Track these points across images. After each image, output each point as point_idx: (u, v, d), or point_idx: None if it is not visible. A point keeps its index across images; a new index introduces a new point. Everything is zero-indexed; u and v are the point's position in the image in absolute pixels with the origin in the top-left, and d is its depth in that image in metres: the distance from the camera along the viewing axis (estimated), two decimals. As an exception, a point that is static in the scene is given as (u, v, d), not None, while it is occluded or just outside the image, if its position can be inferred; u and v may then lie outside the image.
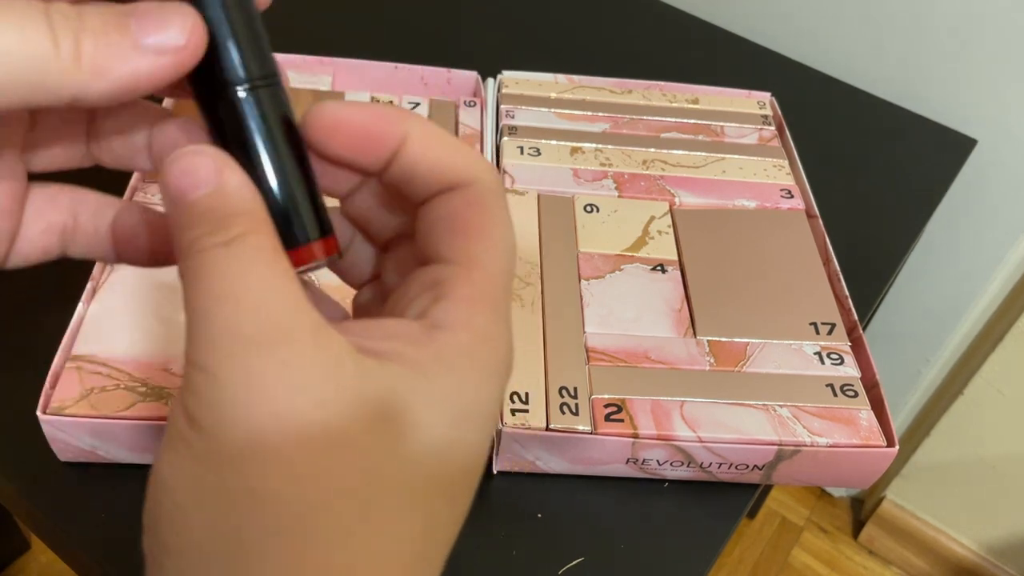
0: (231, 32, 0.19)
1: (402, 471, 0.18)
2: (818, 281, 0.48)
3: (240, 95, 0.19)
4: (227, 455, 0.17)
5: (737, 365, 0.43)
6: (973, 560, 1.03)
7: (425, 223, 0.21)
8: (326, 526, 0.17)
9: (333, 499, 0.17)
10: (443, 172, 0.20)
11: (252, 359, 0.17)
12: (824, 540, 1.13)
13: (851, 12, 0.72)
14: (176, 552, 0.17)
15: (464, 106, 0.57)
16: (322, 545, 0.17)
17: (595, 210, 0.51)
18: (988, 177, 0.73)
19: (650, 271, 0.48)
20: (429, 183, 0.21)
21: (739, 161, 0.55)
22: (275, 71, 0.20)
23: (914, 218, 0.60)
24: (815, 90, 0.70)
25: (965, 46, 0.68)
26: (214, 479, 0.17)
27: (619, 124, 0.57)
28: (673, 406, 0.41)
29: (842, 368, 0.44)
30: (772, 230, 0.51)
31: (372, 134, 0.20)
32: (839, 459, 0.41)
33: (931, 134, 0.68)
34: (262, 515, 0.17)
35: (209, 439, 0.17)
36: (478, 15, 0.74)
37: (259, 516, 0.17)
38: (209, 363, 0.17)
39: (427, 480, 0.18)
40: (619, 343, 0.44)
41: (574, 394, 0.41)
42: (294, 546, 0.17)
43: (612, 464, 0.41)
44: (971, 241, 0.78)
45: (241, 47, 0.19)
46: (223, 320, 0.17)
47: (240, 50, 0.19)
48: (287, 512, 0.17)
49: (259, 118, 0.19)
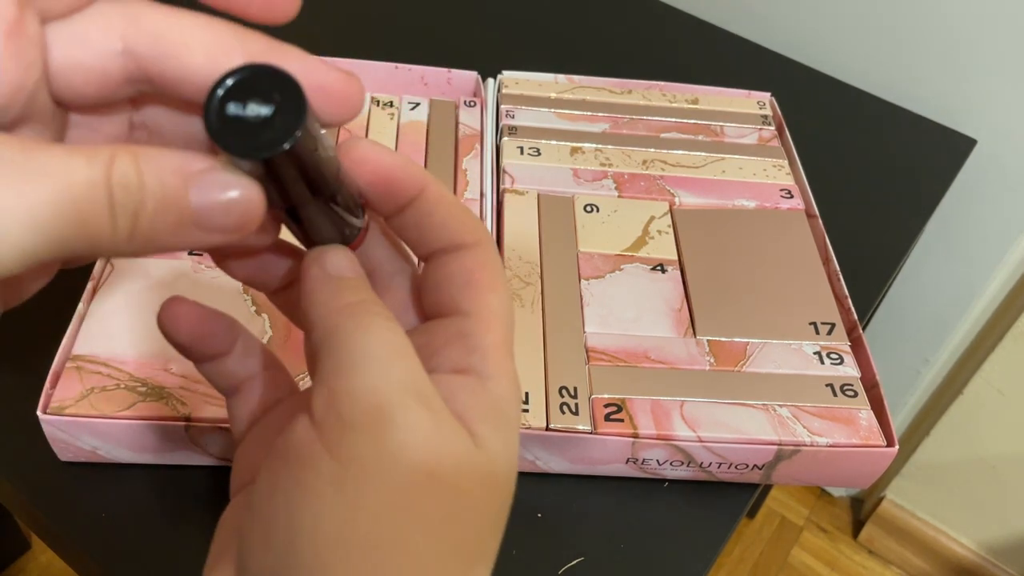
0: (308, 201, 0.20)
1: (499, 522, 0.22)
2: (818, 281, 0.48)
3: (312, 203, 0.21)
4: (384, 502, 0.19)
5: (737, 365, 0.43)
6: (973, 560, 1.03)
7: (437, 277, 0.23)
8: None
9: (449, 553, 0.19)
10: (455, 228, 0.22)
11: (411, 412, 0.19)
12: (824, 540, 1.13)
13: (851, 12, 0.72)
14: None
15: (464, 106, 0.57)
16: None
17: (595, 210, 0.51)
18: (988, 177, 0.73)
19: (650, 271, 0.48)
20: (438, 235, 0.23)
21: (739, 161, 0.55)
22: (340, 185, 0.21)
23: (914, 218, 0.60)
24: (815, 90, 0.70)
25: (965, 46, 0.68)
26: (366, 525, 0.18)
27: (619, 124, 0.57)
28: (673, 406, 0.41)
29: (842, 368, 0.44)
30: (772, 230, 0.51)
31: (398, 178, 0.22)
32: (839, 459, 0.41)
33: (931, 134, 0.68)
34: (399, 566, 0.19)
35: (369, 484, 0.18)
36: (478, 15, 0.74)
37: (398, 566, 0.19)
38: (385, 403, 0.19)
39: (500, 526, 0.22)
40: (619, 343, 0.44)
41: (574, 394, 0.41)
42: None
43: (612, 464, 0.41)
44: (971, 241, 0.78)
45: (314, 191, 0.20)
46: (391, 373, 0.19)
47: (312, 189, 0.20)
48: (413, 563, 0.19)
49: (325, 208, 0.21)
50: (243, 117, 0.18)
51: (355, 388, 0.19)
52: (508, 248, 0.48)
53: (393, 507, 0.18)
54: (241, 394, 0.25)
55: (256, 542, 0.19)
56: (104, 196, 0.16)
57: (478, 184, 0.51)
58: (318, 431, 0.19)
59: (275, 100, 0.18)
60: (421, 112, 0.56)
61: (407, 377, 0.19)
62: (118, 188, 0.16)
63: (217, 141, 0.18)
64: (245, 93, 0.18)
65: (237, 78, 0.18)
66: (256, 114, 0.18)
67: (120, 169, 0.17)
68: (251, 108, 0.18)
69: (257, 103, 0.18)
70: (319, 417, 0.19)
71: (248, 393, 0.25)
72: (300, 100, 0.18)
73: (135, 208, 0.17)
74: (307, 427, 0.19)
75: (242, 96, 0.18)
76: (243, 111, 0.18)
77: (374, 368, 0.19)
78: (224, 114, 0.18)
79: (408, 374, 0.19)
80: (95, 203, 0.16)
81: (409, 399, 0.19)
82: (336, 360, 0.19)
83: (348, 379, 0.19)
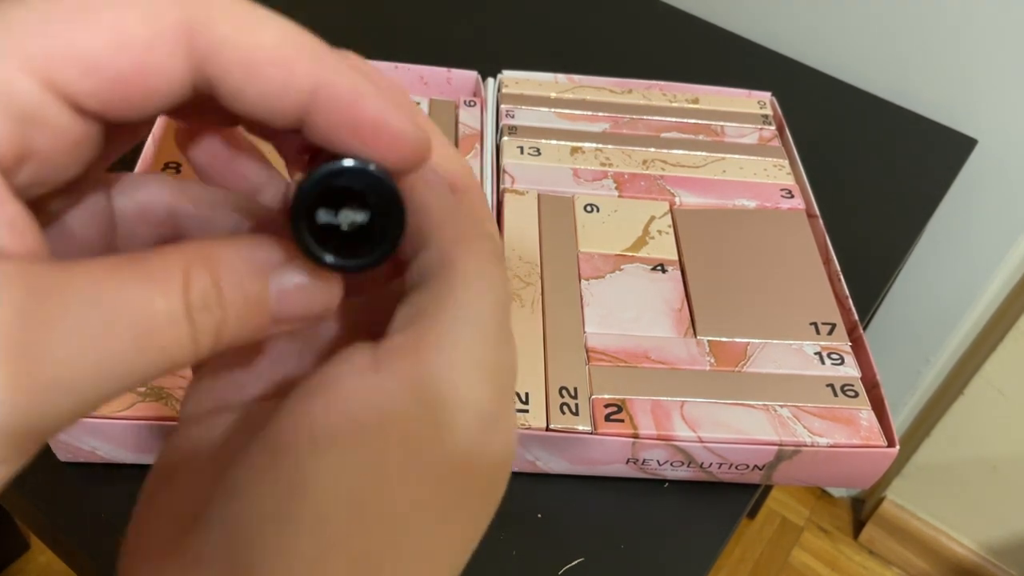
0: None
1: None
2: (818, 281, 0.48)
3: None
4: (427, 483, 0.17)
5: (737, 365, 0.43)
6: (973, 560, 1.03)
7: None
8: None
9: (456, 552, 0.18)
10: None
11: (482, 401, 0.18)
12: (824, 540, 1.13)
13: (851, 12, 0.72)
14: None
15: (464, 106, 0.57)
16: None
17: (595, 210, 0.51)
18: (988, 177, 0.73)
19: (650, 271, 0.48)
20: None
21: (739, 161, 0.55)
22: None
23: (914, 218, 0.60)
24: (815, 90, 0.70)
25: (965, 46, 0.68)
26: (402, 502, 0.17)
27: (619, 124, 0.57)
28: (673, 406, 0.41)
29: (842, 368, 0.44)
30: (772, 230, 0.51)
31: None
32: (839, 459, 0.41)
33: (931, 134, 0.68)
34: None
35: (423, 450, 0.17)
36: (478, 15, 0.74)
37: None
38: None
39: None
40: (619, 343, 0.44)
41: (574, 394, 0.41)
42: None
43: (612, 464, 0.41)
44: (971, 241, 0.78)
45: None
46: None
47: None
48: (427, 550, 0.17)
49: None
50: (336, 225, 0.16)
51: (457, 357, 0.17)
52: (508, 248, 0.48)
53: (434, 493, 0.17)
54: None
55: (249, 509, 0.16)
56: (186, 325, 0.15)
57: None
58: (386, 372, 0.17)
59: (370, 204, 0.16)
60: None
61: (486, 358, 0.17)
62: (199, 312, 0.15)
63: (312, 256, 0.16)
64: (337, 197, 0.16)
65: (328, 182, 0.16)
66: (351, 221, 0.16)
67: (198, 290, 0.15)
68: (344, 216, 0.16)
69: (351, 210, 0.16)
70: (396, 363, 0.17)
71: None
72: (397, 203, 0.16)
73: (217, 325, 0.16)
74: (369, 361, 0.17)
75: (334, 202, 0.16)
76: (335, 219, 0.16)
77: (476, 341, 0.17)
78: (314, 222, 0.16)
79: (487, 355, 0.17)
80: (176, 334, 0.15)
81: (486, 387, 0.17)
82: (450, 307, 0.17)
83: (455, 339, 0.17)
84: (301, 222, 0.16)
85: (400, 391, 0.16)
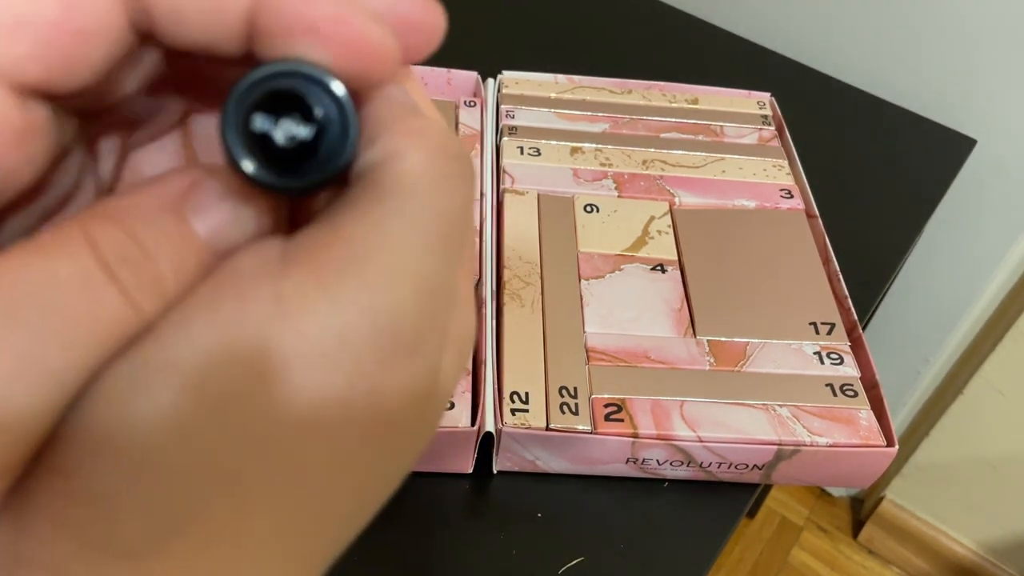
0: None
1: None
2: (818, 281, 0.48)
3: None
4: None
5: (737, 365, 0.43)
6: (973, 560, 1.03)
7: None
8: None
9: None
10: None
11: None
12: (824, 540, 1.13)
13: (851, 12, 0.72)
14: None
15: (464, 106, 0.57)
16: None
17: (595, 210, 0.51)
18: (988, 177, 0.73)
19: (650, 271, 0.48)
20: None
21: (739, 161, 0.55)
22: None
23: (914, 218, 0.60)
24: (815, 90, 0.70)
25: (965, 46, 0.68)
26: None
27: (619, 124, 0.57)
28: (673, 406, 0.41)
29: (842, 368, 0.44)
30: (772, 230, 0.51)
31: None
32: (839, 459, 0.41)
33: (931, 134, 0.68)
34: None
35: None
36: (478, 15, 0.74)
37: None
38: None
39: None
40: (619, 343, 0.44)
41: (574, 394, 0.41)
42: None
43: (612, 464, 0.41)
44: (971, 241, 0.78)
45: None
46: None
47: None
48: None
49: None
50: (273, 137, 0.14)
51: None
52: (508, 248, 0.48)
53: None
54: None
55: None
56: (108, 285, 0.13)
57: (478, 184, 0.51)
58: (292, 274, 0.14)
59: (316, 118, 0.14)
60: (421, 112, 0.56)
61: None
62: (119, 267, 0.13)
63: (232, 163, 0.14)
64: (277, 104, 0.14)
65: (268, 85, 0.14)
66: (291, 135, 0.14)
67: (108, 244, 0.13)
68: (284, 127, 0.14)
69: (293, 121, 0.14)
70: (305, 259, 0.14)
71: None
72: (347, 120, 0.14)
73: (153, 277, 0.14)
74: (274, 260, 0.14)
75: (274, 107, 0.14)
76: (273, 128, 0.14)
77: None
78: (249, 131, 0.14)
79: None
80: (99, 297, 0.13)
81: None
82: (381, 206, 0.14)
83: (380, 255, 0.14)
84: (229, 124, 0.14)
85: (296, 298, 0.14)
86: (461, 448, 0.40)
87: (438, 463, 0.41)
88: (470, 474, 0.42)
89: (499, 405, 0.40)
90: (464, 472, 0.42)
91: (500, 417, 0.40)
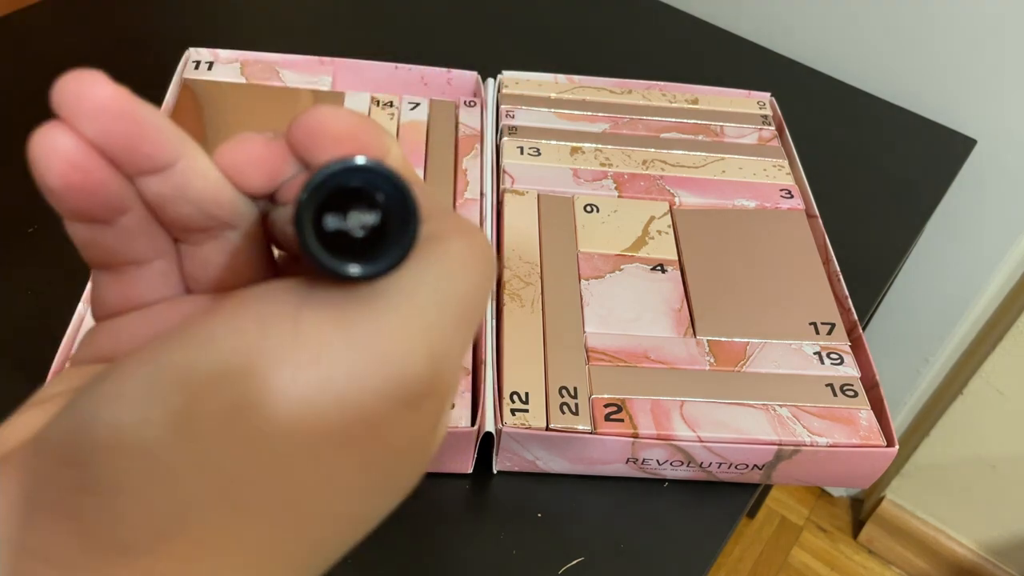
0: None
1: None
2: (818, 281, 0.48)
3: None
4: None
5: (737, 365, 0.43)
6: (973, 560, 1.03)
7: None
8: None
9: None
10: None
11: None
12: (824, 540, 1.13)
13: (851, 12, 0.72)
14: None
15: (464, 106, 0.57)
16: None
17: (595, 210, 0.51)
18: (988, 177, 0.73)
19: (650, 271, 0.48)
20: None
21: (739, 161, 0.55)
22: None
23: (913, 218, 0.60)
24: (815, 90, 0.70)
25: (965, 46, 0.68)
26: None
27: (619, 124, 0.57)
28: (673, 406, 0.41)
29: (842, 368, 0.44)
30: (772, 230, 0.51)
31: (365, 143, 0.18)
32: (839, 459, 0.41)
33: (931, 134, 0.68)
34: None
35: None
36: (478, 15, 0.74)
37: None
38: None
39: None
40: (619, 343, 0.44)
41: (574, 394, 0.41)
42: None
43: (612, 464, 0.41)
44: (970, 241, 0.78)
45: None
46: None
47: None
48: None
49: None
50: (348, 231, 0.15)
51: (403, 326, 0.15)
52: (508, 248, 0.48)
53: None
54: (116, 275, 0.19)
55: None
56: None
57: (478, 184, 0.51)
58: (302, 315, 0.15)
59: (379, 203, 0.15)
60: (421, 112, 0.56)
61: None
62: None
63: (330, 270, 0.15)
64: (342, 200, 0.15)
65: (337, 181, 0.15)
66: (362, 224, 0.15)
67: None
68: (354, 219, 0.15)
69: (359, 211, 0.15)
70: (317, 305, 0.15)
71: (126, 278, 0.19)
72: (409, 196, 0.15)
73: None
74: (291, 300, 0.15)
75: (339, 205, 0.15)
76: (343, 223, 0.15)
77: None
78: (323, 231, 0.15)
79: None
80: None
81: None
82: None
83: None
84: (309, 234, 0.15)
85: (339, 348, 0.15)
86: (461, 448, 0.40)
87: (438, 463, 0.41)
88: (470, 474, 0.42)
89: (499, 405, 0.40)
90: (464, 472, 0.42)
91: (500, 417, 0.40)
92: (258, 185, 0.18)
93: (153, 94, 0.53)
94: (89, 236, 0.18)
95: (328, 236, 0.15)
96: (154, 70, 0.57)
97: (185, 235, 0.19)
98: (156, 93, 0.53)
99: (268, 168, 0.18)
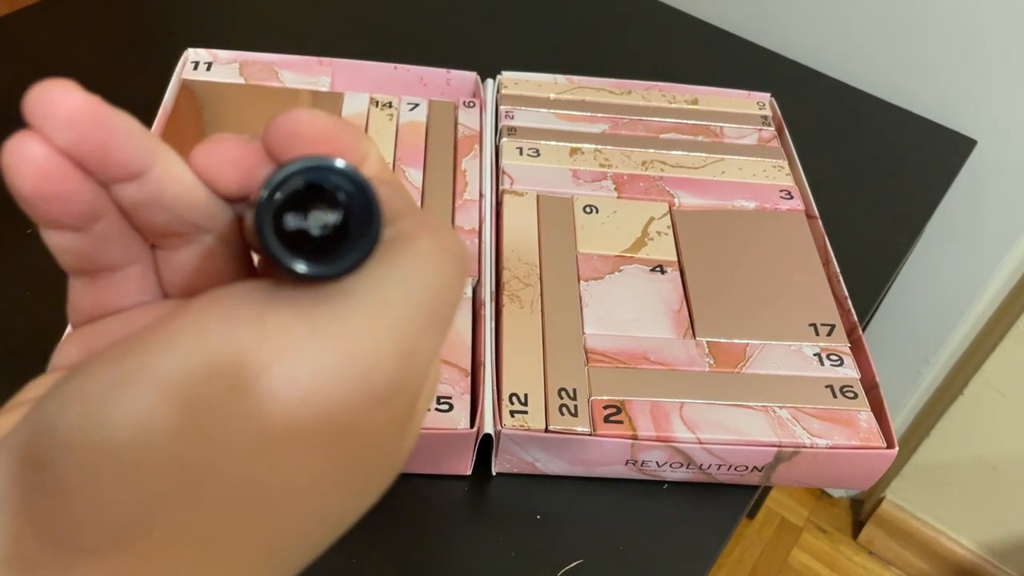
0: None
1: None
2: (818, 282, 0.48)
3: None
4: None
5: (736, 366, 0.43)
6: (973, 560, 1.03)
7: None
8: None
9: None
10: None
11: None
12: (824, 540, 1.13)
13: (851, 12, 0.72)
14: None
15: (463, 106, 0.57)
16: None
17: (594, 211, 0.51)
18: (988, 177, 0.73)
19: (649, 272, 0.48)
20: None
21: (738, 162, 0.55)
22: None
23: (913, 219, 0.60)
24: (815, 90, 0.70)
25: (965, 46, 0.68)
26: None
27: (618, 125, 0.57)
28: (672, 407, 0.41)
29: (842, 369, 0.44)
30: (771, 231, 0.51)
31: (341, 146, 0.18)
32: (838, 460, 0.41)
33: (931, 134, 0.68)
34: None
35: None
36: (478, 15, 0.74)
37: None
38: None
39: None
40: (618, 344, 0.44)
41: (573, 395, 0.41)
42: None
43: (611, 466, 0.41)
44: (970, 241, 0.78)
45: None
46: None
47: None
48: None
49: None
50: (308, 230, 0.15)
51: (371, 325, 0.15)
52: (507, 249, 0.48)
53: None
54: (93, 280, 0.19)
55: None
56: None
57: (477, 185, 0.51)
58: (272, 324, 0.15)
59: (341, 201, 0.15)
60: (420, 113, 0.56)
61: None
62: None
63: (285, 267, 0.15)
64: (303, 200, 0.15)
65: (290, 184, 0.15)
66: (323, 223, 0.15)
67: None
68: (315, 218, 0.15)
69: (320, 211, 0.15)
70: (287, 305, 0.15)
71: (103, 283, 0.19)
72: (372, 197, 0.15)
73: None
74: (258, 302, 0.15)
75: (300, 204, 0.15)
76: (304, 222, 0.15)
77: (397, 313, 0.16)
78: (282, 229, 0.15)
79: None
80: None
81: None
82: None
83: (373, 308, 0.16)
84: (268, 231, 0.15)
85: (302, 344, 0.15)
86: (460, 450, 0.40)
87: (437, 465, 0.41)
88: (469, 476, 0.42)
89: (498, 407, 0.40)
90: (463, 474, 0.42)
91: (499, 419, 0.40)
92: (233, 187, 0.18)
93: (152, 94, 0.53)
94: (64, 243, 0.18)
95: (291, 236, 0.15)
96: (153, 71, 0.57)
97: (161, 240, 0.19)
98: (155, 93, 0.53)
99: (243, 170, 0.18)
